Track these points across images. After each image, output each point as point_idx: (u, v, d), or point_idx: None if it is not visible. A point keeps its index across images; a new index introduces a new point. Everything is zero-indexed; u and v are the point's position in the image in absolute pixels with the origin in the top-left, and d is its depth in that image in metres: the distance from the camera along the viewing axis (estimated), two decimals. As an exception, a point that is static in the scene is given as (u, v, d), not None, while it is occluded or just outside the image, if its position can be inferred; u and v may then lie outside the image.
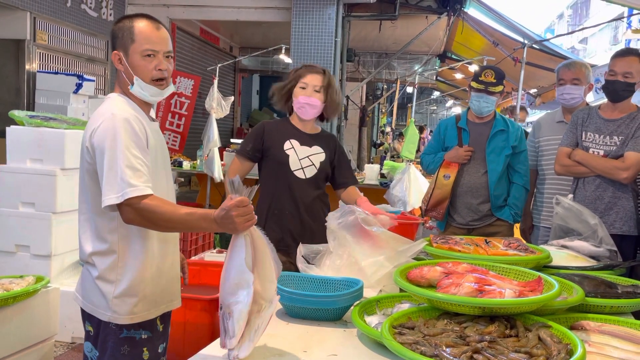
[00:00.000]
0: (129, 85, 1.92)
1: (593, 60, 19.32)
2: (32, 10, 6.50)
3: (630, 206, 3.01)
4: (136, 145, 1.80)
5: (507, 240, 2.42)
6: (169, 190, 2.05)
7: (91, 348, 1.93)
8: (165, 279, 1.97)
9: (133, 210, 1.73)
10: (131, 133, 1.80)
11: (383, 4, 8.41)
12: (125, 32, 1.90)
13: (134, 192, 1.72)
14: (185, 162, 7.20)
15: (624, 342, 1.62)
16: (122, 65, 1.92)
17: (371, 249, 2.20)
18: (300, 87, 2.78)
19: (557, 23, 40.94)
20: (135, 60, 1.89)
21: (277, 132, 2.83)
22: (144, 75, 1.90)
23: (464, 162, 3.38)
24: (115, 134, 1.77)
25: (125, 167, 1.74)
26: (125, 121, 1.80)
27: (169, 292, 2.00)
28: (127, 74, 1.92)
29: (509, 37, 8.54)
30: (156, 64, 1.90)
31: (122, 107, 1.87)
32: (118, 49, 1.92)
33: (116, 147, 1.76)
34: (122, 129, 1.79)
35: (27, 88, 6.50)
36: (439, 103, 26.85)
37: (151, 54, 1.90)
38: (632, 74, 2.98)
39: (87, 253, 1.88)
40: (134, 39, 1.89)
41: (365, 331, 1.65)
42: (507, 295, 1.60)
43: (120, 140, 1.77)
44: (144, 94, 1.92)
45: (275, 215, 2.80)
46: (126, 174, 1.73)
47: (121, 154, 1.75)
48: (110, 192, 1.73)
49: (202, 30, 10.87)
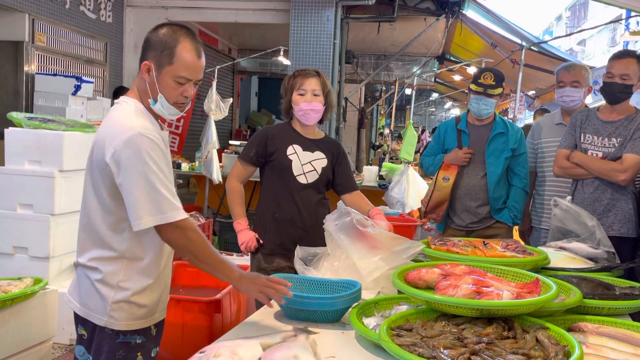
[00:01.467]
0: (149, 97, 1.87)
1: (591, 62, 19.36)
2: (30, 11, 6.49)
3: (628, 208, 3.02)
4: (164, 165, 1.80)
5: (505, 242, 2.42)
6: None
7: (83, 352, 1.91)
8: (163, 288, 1.98)
9: (178, 229, 1.79)
10: (158, 153, 1.79)
11: (381, 5, 8.42)
12: (166, 50, 1.82)
13: (178, 215, 1.78)
14: (183, 164, 7.20)
15: (622, 344, 1.62)
16: (150, 77, 1.85)
17: (367, 250, 2.20)
18: (299, 94, 2.78)
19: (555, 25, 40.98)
20: (165, 81, 1.84)
21: (280, 137, 2.84)
22: (168, 96, 1.86)
23: (463, 165, 3.39)
24: (144, 156, 1.75)
25: (164, 189, 1.76)
26: (148, 140, 1.77)
27: (163, 301, 2.01)
28: (151, 88, 1.86)
29: (508, 39, 8.55)
30: (183, 90, 1.86)
31: (142, 121, 1.83)
32: (151, 60, 1.84)
33: (149, 169, 1.75)
34: (151, 149, 1.76)
35: (26, 90, 6.50)
36: (437, 105, 26.88)
37: (184, 82, 1.85)
38: (630, 75, 2.99)
39: (89, 257, 1.87)
40: (172, 62, 1.82)
41: (363, 333, 1.65)
42: (505, 297, 1.61)
43: (151, 161, 1.75)
44: (163, 112, 1.89)
45: (276, 220, 2.81)
46: (167, 197, 1.76)
47: (155, 176, 1.75)
48: (149, 214, 1.74)
49: (200, 32, 10.85)
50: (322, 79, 2.82)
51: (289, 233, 2.79)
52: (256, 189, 6.31)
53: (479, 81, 3.31)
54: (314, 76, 2.81)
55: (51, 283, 3.46)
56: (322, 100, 2.80)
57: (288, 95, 2.83)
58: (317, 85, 2.78)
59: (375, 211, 2.74)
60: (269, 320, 1.90)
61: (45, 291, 3.22)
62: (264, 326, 1.84)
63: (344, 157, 2.94)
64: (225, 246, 5.94)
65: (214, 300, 3.15)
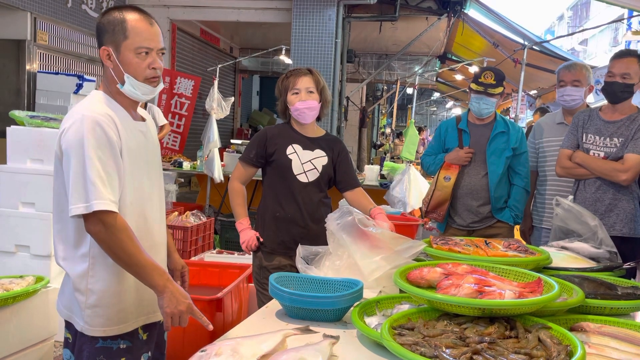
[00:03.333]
0: (117, 83, 1.82)
1: (593, 61, 19.34)
2: (32, 10, 6.50)
3: (630, 208, 3.01)
4: (106, 152, 1.70)
5: (506, 242, 2.42)
6: (154, 195, 1.95)
7: (70, 355, 1.85)
8: (146, 290, 1.83)
9: (101, 223, 1.66)
10: (100, 137, 1.70)
11: (383, 5, 8.42)
12: (117, 27, 1.78)
13: (101, 205, 1.65)
14: (185, 163, 7.21)
15: (624, 344, 1.62)
16: (112, 62, 1.80)
17: (368, 249, 2.20)
18: (294, 94, 2.78)
19: (557, 24, 40.94)
20: (127, 58, 1.79)
21: (279, 137, 2.84)
22: (136, 74, 1.80)
23: (464, 164, 3.38)
24: (83, 139, 1.68)
25: (94, 176, 1.66)
26: (94, 123, 1.70)
27: (150, 304, 1.89)
28: (116, 72, 1.81)
29: (509, 38, 8.54)
30: (150, 62, 1.81)
31: (96, 107, 1.76)
32: (107, 44, 1.80)
33: (84, 154, 1.67)
34: (90, 133, 1.69)
35: (28, 88, 6.51)
36: (439, 104, 26.88)
37: (145, 51, 1.80)
38: (631, 75, 2.98)
39: (61, 256, 1.81)
40: (126, 35, 1.77)
41: (365, 332, 1.65)
42: (507, 296, 1.60)
43: (89, 146, 1.67)
44: (135, 93, 1.83)
45: (278, 219, 2.81)
46: (95, 183, 1.65)
47: (89, 162, 1.67)
48: (78, 201, 1.66)
49: (202, 31, 10.87)
50: (315, 76, 2.82)
51: (291, 232, 2.79)
52: (257, 188, 6.31)
53: (479, 80, 3.30)
54: (307, 74, 2.80)
55: (53, 281, 3.46)
56: (317, 97, 2.80)
57: (283, 96, 2.83)
58: (311, 83, 2.78)
59: (376, 210, 2.74)
60: (270, 319, 1.90)
61: (46, 289, 3.22)
62: (265, 325, 1.83)
63: (345, 154, 2.94)
64: (226, 245, 5.94)
65: (216, 299, 3.15)
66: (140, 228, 1.84)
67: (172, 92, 8.84)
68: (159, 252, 1.96)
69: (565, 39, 25.13)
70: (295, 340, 1.63)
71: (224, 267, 3.90)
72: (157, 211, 1.97)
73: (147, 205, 1.90)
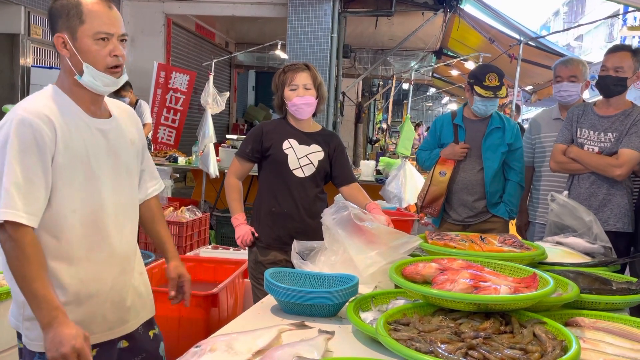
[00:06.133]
0: (74, 74, 1.65)
1: (589, 57, 19.35)
2: (26, 4, 6.46)
3: (624, 203, 3.02)
4: (32, 157, 1.53)
5: (502, 237, 2.42)
6: (118, 201, 1.76)
7: None
8: (101, 303, 1.70)
9: (7, 233, 1.50)
10: (27, 141, 1.53)
11: (379, 0, 8.40)
12: (71, 11, 1.61)
13: (10, 215, 1.49)
14: (180, 158, 7.19)
15: (619, 339, 1.62)
16: (68, 51, 1.63)
17: (364, 244, 2.19)
18: (291, 90, 2.77)
19: (552, 20, 41.00)
20: (85, 45, 1.62)
21: (275, 132, 2.83)
22: (96, 62, 1.63)
23: (460, 159, 3.38)
24: (7, 141, 1.52)
25: (9, 183, 1.50)
26: (23, 125, 1.53)
27: (110, 320, 1.74)
28: (74, 62, 1.63)
29: (505, 34, 8.54)
30: (111, 49, 1.63)
31: (36, 105, 1.59)
32: (62, 31, 1.62)
33: (4, 158, 1.51)
34: (16, 135, 1.52)
35: (22, 83, 6.48)
36: (434, 100, 26.89)
37: (105, 37, 1.62)
38: (624, 68, 2.98)
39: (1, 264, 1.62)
40: (83, 20, 1.60)
41: (360, 327, 1.65)
42: (502, 291, 1.60)
43: (11, 149, 1.51)
44: (95, 84, 1.65)
45: (274, 214, 2.81)
46: (9, 191, 1.49)
47: (8, 167, 1.51)
48: None
49: (197, 26, 10.82)
50: (313, 72, 2.81)
51: (286, 226, 2.79)
52: (253, 183, 6.30)
53: (484, 84, 3.26)
54: (304, 70, 2.80)
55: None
56: (314, 93, 2.79)
57: (280, 91, 2.82)
58: (308, 79, 2.78)
59: (372, 206, 2.74)
60: (265, 315, 1.90)
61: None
62: (260, 320, 1.83)
63: (341, 149, 2.93)
64: (221, 240, 5.93)
65: (211, 295, 3.14)
66: (90, 239, 1.68)
67: (167, 87, 8.80)
68: (120, 264, 1.77)
69: (560, 34, 25.20)
70: (291, 336, 1.63)
71: (220, 263, 3.89)
72: (122, 219, 1.78)
73: (101, 213, 1.70)
